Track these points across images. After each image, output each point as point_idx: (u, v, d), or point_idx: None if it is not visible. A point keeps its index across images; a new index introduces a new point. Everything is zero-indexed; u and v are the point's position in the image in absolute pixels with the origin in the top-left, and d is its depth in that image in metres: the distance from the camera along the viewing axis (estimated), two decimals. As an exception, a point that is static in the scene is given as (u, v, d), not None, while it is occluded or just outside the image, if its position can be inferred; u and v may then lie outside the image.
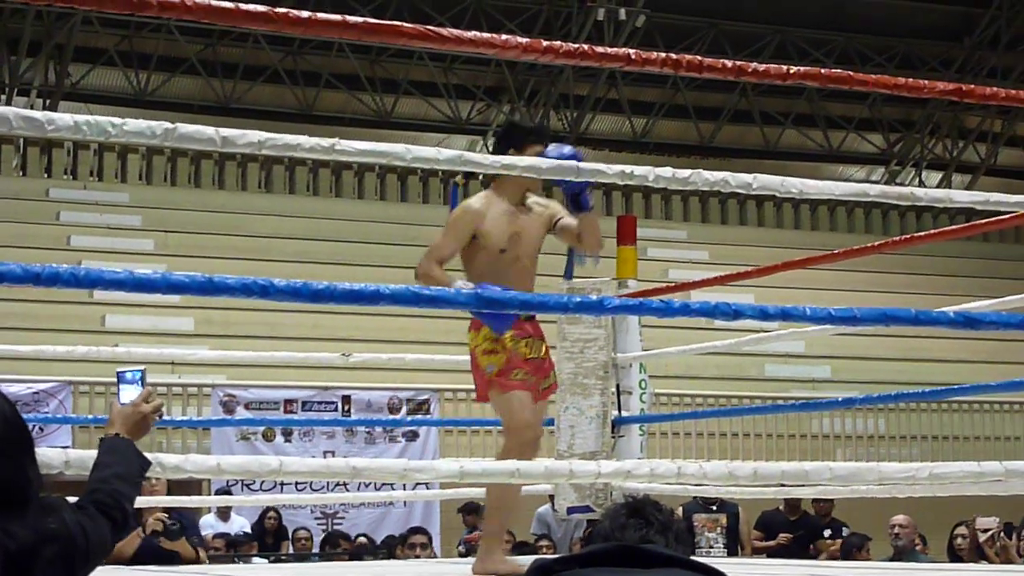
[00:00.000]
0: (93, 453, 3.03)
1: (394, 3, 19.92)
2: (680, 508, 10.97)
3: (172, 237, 18.13)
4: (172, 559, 8.07)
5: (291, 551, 12.65)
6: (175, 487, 9.69)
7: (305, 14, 3.36)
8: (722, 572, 2.57)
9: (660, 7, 20.89)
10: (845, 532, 11.75)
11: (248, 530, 12.25)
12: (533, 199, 5.93)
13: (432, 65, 21.66)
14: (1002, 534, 10.99)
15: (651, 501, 2.89)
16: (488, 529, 6.04)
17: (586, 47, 3.75)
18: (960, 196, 4.24)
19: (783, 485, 8.28)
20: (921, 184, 24.35)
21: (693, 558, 2.58)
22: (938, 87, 4.18)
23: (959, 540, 11.15)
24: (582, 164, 4.03)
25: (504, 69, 21.80)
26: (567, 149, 5.44)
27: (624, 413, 7.63)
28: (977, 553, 11.08)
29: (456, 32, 3.57)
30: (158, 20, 19.03)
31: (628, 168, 3.92)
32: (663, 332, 13.19)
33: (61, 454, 3.46)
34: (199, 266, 15.24)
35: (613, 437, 7.60)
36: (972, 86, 4.31)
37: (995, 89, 4.40)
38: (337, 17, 3.41)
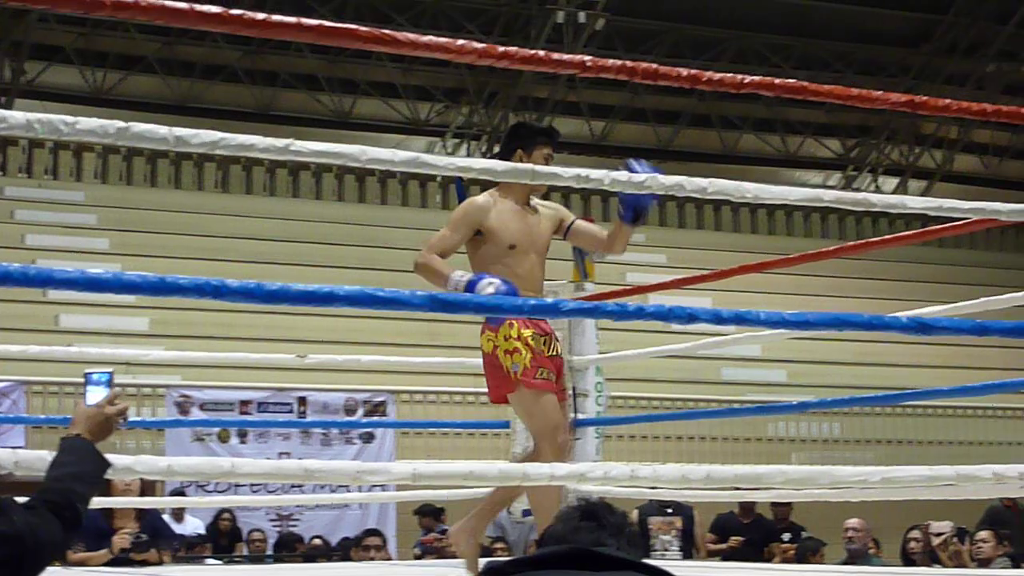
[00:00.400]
0: (43, 454, 3.01)
1: (353, 3, 19.89)
2: (636, 511, 10.99)
3: (128, 236, 18.05)
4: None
5: (246, 553, 12.60)
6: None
7: (260, 16, 3.34)
8: (673, 575, 2.56)
9: (620, 11, 20.93)
10: (804, 535, 11.79)
11: (202, 531, 12.19)
12: (536, 201, 5.94)
13: (391, 66, 21.62)
14: (955, 539, 11.05)
15: (605, 504, 2.89)
16: (482, 511, 6.00)
17: (542, 53, 3.76)
18: (914, 202, 4.25)
19: (738, 488, 8.31)
20: (877, 189, 24.47)
21: (646, 561, 2.58)
22: (891, 98, 4.20)
23: (912, 544, 11.20)
24: (537, 167, 4.02)
25: (463, 70, 21.78)
26: (646, 165, 5.48)
27: (580, 416, 7.63)
28: (930, 557, 11.13)
29: (412, 36, 3.56)
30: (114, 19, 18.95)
31: (584, 172, 3.92)
32: (620, 335, 13.22)
33: (11, 455, 3.44)
34: (155, 266, 15.19)
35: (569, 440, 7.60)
36: (925, 98, 4.34)
37: (948, 101, 4.42)
38: (292, 19, 3.39)
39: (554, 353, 5.77)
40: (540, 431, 5.76)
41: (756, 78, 3.98)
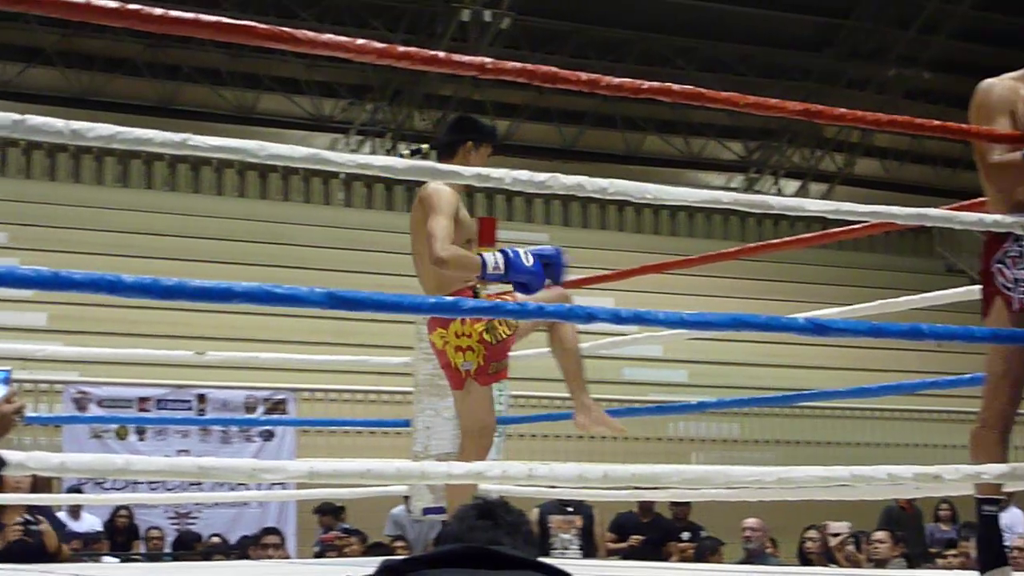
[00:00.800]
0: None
1: (258, -1, 19.80)
2: (536, 509, 11.02)
3: (26, 231, 17.83)
4: (40, 550, 8.02)
5: (143, 550, 12.50)
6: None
7: (158, 11, 3.31)
8: (569, 574, 2.57)
9: (526, 10, 20.96)
10: (702, 535, 11.88)
11: (100, 529, 12.08)
12: None
13: (295, 61, 21.50)
14: (850, 539, 11.17)
15: (501, 503, 2.89)
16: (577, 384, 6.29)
17: (442, 54, 3.75)
18: (812, 204, 4.28)
19: (638, 488, 8.35)
20: (779, 192, 24.68)
21: (543, 560, 2.58)
22: (788, 106, 4.23)
23: (809, 543, 11.31)
24: (439, 165, 4.01)
25: (368, 67, 21.71)
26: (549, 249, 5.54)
27: (481, 415, 7.62)
28: (827, 557, 11.25)
29: (311, 34, 3.53)
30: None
31: (485, 170, 3.91)
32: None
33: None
34: (54, 261, 15.05)
35: (470, 438, 7.60)
36: (820, 107, 4.38)
37: (843, 110, 4.46)
38: (191, 16, 3.36)
39: (503, 336, 5.76)
40: (471, 429, 5.84)
41: (655, 84, 3.99)
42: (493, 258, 5.46)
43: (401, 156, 5.35)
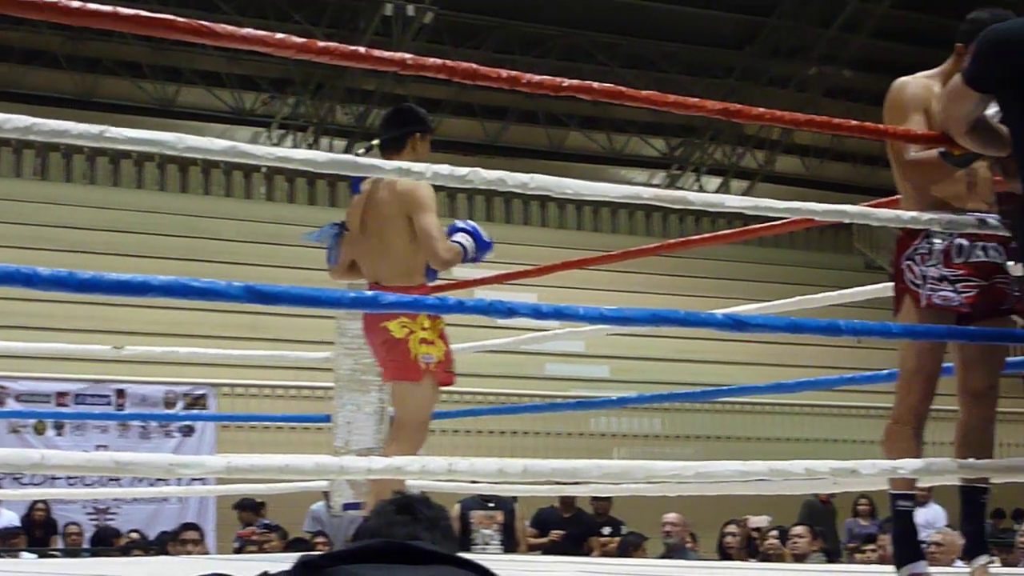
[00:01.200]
0: None
1: (180, -10, 19.65)
2: (457, 505, 11.02)
3: (-61, 224, 17.64)
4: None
5: (62, 546, 12.40)
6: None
7: (76, 4, 3.27)
8: (488, 569, 2.57)
9: (449, 5, 20.93)
10: (623, 530, 11.92)
11: (17, 524, 11.97)
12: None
13: (216, 55, 21.36)
14: (774, 532, 11.24)
15: (420, 498, 2.89)
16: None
17: (362, 50, 3.73)
18: (732, 201, 4.30)
19: (560, 483, 8.36)
20: (701, 189, 24.81)
21: (463, 555, 2.58)
22: (707, 105, 4.25)
23: (729, 538, 11.39)
24: (360, 159, 3.99)
25: (289, 61, 21.60)
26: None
27: (403, 410, 7.62)
28: (746, 551, 11.32)
29: (230, 29, 3.51)
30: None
31: (405, 164, 3.91)
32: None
33: None
34: (-30, 254, 14.85)
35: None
36: (740, 106, 4.40)
37: (763, 109, 4.49)
38: (109, 8, 3.33)
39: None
40: (412, 422, 5.84)
41: (576, 82, 4.00)
42: (468, 241, 5.56)
43: (357, 155, 5.38)
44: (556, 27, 22.55)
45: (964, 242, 4.52)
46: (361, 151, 5.71)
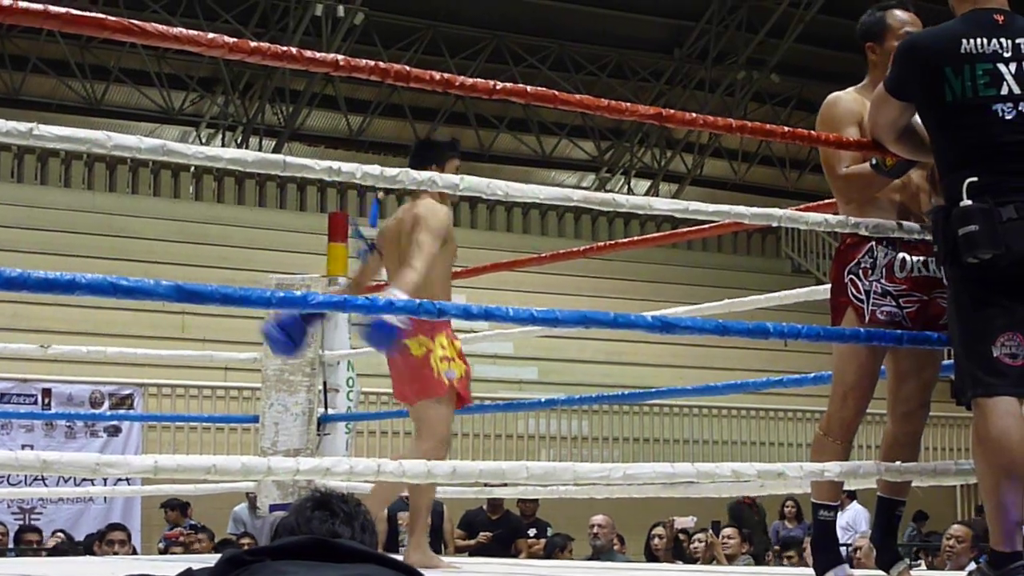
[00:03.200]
0: None
1: (109, -11, 19.52)
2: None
3: None
4: None
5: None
6: None
7: (6, 1, 3.26)
8: (412, 567, 2.58)
9: (378, 6, 20.89)
10: (549, 532, 11.94)
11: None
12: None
13: (145, 53, 21.22)
14: (709, 531, 11.30)
15: (337, 493, 2.89)
16: (417, 525, 6.23)
17: (294, 50, 3.73)
18: (660, 204, 4.33)
19: (486, 484, 8.37)
20: (630, 191, 24.88)
21: (385, 554, 2.58)
22: (640, 110, 4.27)
23: (656, 540, 11.43)
24: (288, 159, 3.98)
25: (219, 60, 21.51)
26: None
27: (330, 411, 7.63)
28: (673, 553, 11.37)
29: (161, 28, 3.50)
30: None
31: (336, 164, 3.91)
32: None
33: None
34: None
35: (319, 435, 7.59)
36: (673, 111, 4.42)
37: (695, 115, 4.51)
38: (39, 7, 3.31)
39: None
40: (439, 439, 5.93)
41: (508, 85, 4.01)
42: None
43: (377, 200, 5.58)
44: (486, 29, 22.57)
45: (906, 256, 4.54)
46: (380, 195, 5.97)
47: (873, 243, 4.54)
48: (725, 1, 22.92)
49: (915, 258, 4.55)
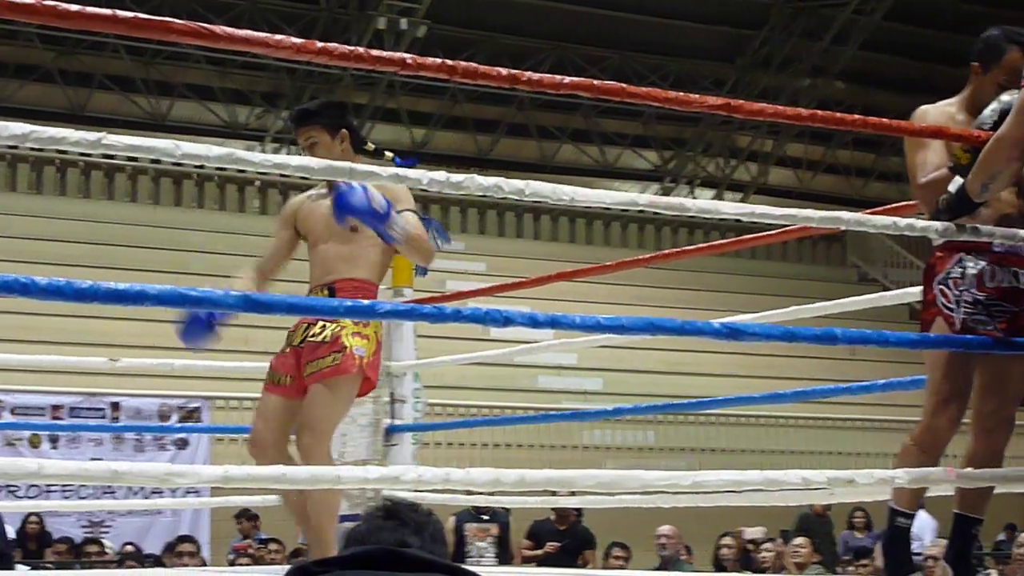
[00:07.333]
0: None
1: (169, 4, 19.64)
2: (452, 517, 11.01)
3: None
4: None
5: (54, 559, 12.37)
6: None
7: (74, 7, 3.27)
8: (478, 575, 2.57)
9: (440, 19, 20.96)
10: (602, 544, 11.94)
11: (13, 537, 11.94)
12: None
13: (208, 68, 21.39)
14: (779, 541, 11.24)
15: (408, 502, 2.89)
16: (323, 539, 5.41)
17: (361, 50, 3.72)
18: (727, 208, 4.29)
19: (553, 494, 8.36)
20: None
21: (455, 564, 2.58)
22: (708, 101, 4.24)
23: (724, 550, 11.37)
24: (356, 166, 3.99)
25: (282, 75, 21.64)
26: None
27: (397, 421, 7.63)
28: (741, 563, 11.31)
29: (228, 30, 3.52)
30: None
31: (401, 171, 3.90)
32: (438, 343, 13.23)
33: None
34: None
35: (385, 445, 7.60)
36: (741, 101, 4.39)
37: (762, 105, 4.48)
38: (107, 12, 3.33)
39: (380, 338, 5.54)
40: (330, 426, 5.51)
41: (575, 79, 4.01)
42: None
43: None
44: (547, 41, 22.58)
45: (995, 267, 4.50)
46: (389, 155, 5.71)
47: (962, 254, 4.50)
48: (787, 8, 22.84)
49: (1005, 269, 4.50)
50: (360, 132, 5.79)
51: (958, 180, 4.41)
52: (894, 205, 4.82)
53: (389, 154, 5.79)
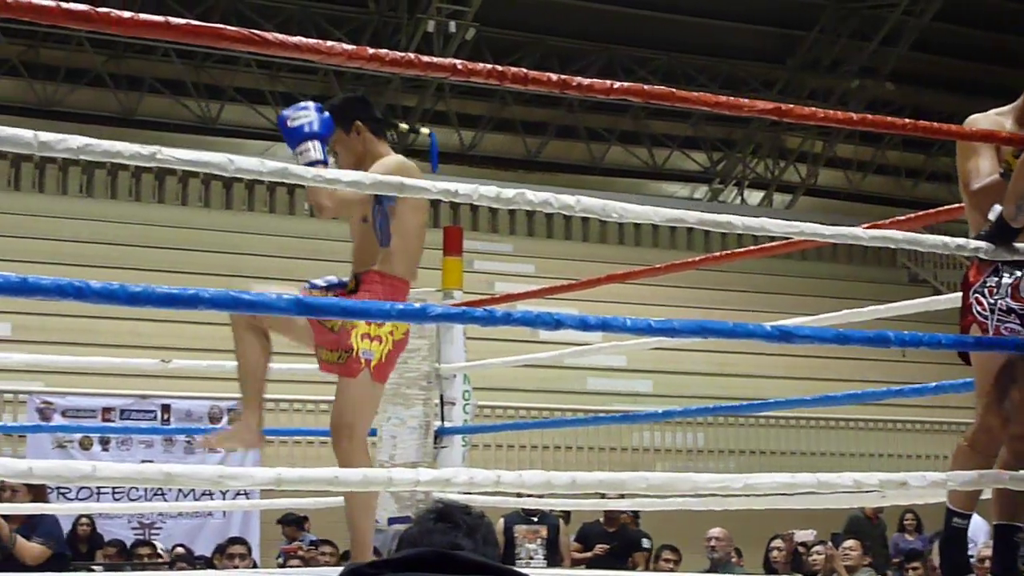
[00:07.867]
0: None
1: (219, 9, 19.75)
2: (502, 519, 11.02)
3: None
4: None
5: (105, 561, 12.43)
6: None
7: (127, 14, 3.30)
8: (534, 579, 2.57)
9: (489, 22, 20.99)
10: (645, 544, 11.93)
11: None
12: None
13: (258, 72, 21.49)
14: (828, 544, 11.19)
15: (459, 505, 2.89)
16: (361, 540, 5.47)
17: (412, 56, 3.73)
18: (773, 225, 4.25)
19: (603, 496, 8.36)
20: (743, 202, 24.76)
21: (507, 566, 2.58)
22: (758, 106, 4.24)
23: (775, 552, 11.34)
24: (407, 181, 3.98)
25: (331, 78, 21.70)
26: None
27: (447, 424, 7.64)
28: (792, 566, 11.28)
29: (280, 36, 3.54)
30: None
31: (452, 186, 3.89)
32: (487, 345, 13.22)
33: None
34: (14, 271, 14.92)
35: (435, 448, 7.61)
36: (791, 105, 4.38)
37: (813, 109, 4.47)
38: (160, 18, 3.35)
39: (401, 336, 5.46)
40: (354, 424, 5.55)
41: (625, 84, 4.00)
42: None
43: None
44: (595, 43, 22.59)
45: None
46: (425, 131, 5.66)
47: (999, 264, 4.48)
48: (836, 9, 22.76)
49: None
50: (375, 114, 5.64)
51: (996, 208, 4.39)
52: (946, 208, 4.78)
53: (425, 130, 5.74)
